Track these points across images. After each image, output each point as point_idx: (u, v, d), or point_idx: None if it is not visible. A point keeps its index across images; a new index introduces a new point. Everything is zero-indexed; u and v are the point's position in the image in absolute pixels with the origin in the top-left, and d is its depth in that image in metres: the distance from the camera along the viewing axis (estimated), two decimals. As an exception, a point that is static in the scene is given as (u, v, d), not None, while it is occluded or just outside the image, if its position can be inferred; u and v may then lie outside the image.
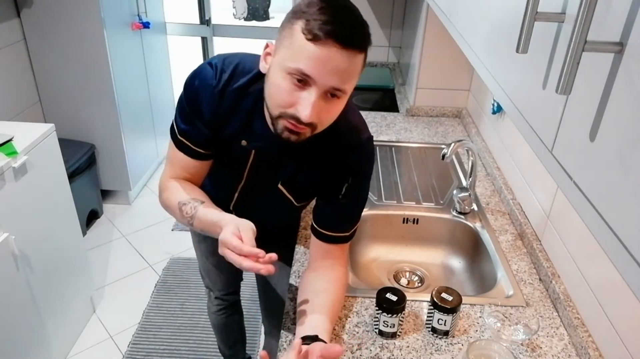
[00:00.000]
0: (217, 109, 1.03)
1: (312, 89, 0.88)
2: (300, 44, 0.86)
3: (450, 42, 2.13)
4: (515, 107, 0.71)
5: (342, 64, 0.86)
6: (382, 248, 1.61)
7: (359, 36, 0.88)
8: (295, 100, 0.89)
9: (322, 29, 0.84)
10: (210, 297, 1.75)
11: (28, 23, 2.61)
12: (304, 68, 0.86)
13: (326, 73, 0.86)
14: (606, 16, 0.48)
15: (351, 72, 0.89)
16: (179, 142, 1.10)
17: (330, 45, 0.84)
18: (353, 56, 0.87)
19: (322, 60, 0.85)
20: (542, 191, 1.42)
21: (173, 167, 1.14)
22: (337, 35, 0.84)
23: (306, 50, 0.85)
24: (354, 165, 1.09)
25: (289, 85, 0.89)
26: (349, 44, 0.85)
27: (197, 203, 1.05)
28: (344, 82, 0.89)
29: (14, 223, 1.70)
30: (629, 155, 0.43)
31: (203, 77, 1.03)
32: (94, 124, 2.87)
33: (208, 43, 3.65)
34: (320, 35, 0.84)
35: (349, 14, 0.88)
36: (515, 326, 1.12)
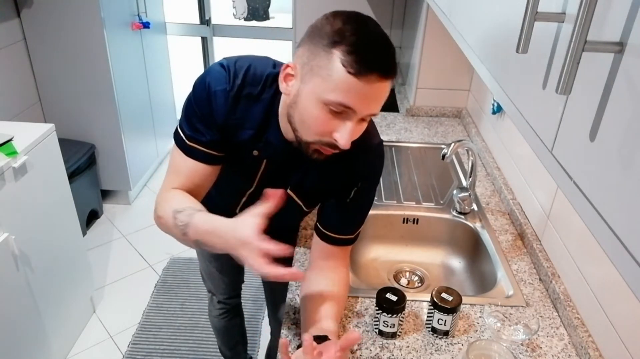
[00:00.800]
0: (231, 114, 0.99)
1: (352, 119, 0.88)
2: (341, 77, 0.83)
3: (450, 42, 2.13)
4: (515, 107, 0.71)
5: (383, 94, 0.88)
6: (382, 248, 1.61)
7: (394, 62, 0.88)
8: (332, 128, 0.89)
9: (365, 62, 0.82)
10: (213, 301, 1.75)
11: (28, 23, 2.61)
12: (347, 101, 0.85)
13: (368, 104, 0.87)
14: (606, 16, 0.48)
15: (386, 94, 0.90)
16: (189, 148, 1.03)
17: (374, 79, 0.84)
18: (390, 83, 0.88)
19: (367, 94, 0.85)
20: (542, 191, 1.42)
21: (177, 176, 1.06)
22: (381, 68, 0.84)
23: (348, 84, 0.84)
24: (364, 170, 1.08)
25: (326, 115, 0.88)
26: (390, 74, 0.86)
27: (194, 211, 0.95)
28: (379, 107, 0.90)
29: (14, 223, 1.70)
30: (629, 155, 0.43)
31: (216, 79, 0.99)
32: (94, 124, 2.87)
33: (208, 43, 3.65)
34: (364, 70, 0.83)
35: (383, 42, 0.86)
36: (515, 326, 1.12)
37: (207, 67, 3.72)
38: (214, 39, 3.65)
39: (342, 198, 1.10)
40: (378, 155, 1.10)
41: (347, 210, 1.11)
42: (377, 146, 1.09)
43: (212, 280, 1.66)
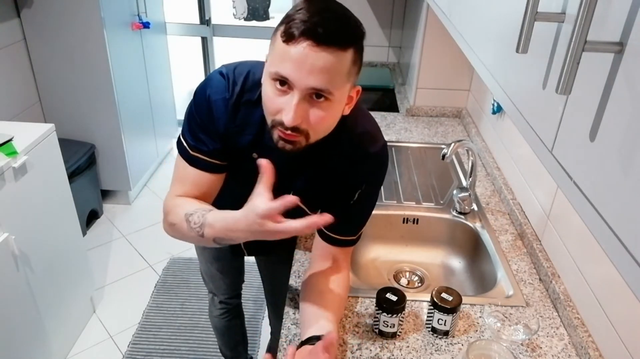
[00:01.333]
0: (231, 122, 1.00)
1: (294, 92, 0.85)
2: (278, 47, 0.84)
3: (450, 42, 2.13)
4: (515, 107, 0.71)
5: (319, 62, 0.82)
6: (382, 248, 1.61)
7: (338, 32, 0.83)
8: (280, 105, 0.87)
9: (297, 28, 0.81)
10: (214, 301, 1.75)
11: (28, 23, 2.61)
12: (281, 70, 0.83)
13: (304, 74, 0.83)
14: (606, 16, 0.48)
15: (333, 71, 0.84)
16: (192, 157, 1.03)
17: (303, 44, 0.81)
18: (333, 53, 0.82)
19: (297, 61, 0.82)
20: (542, 191, 1.42)
21: (182, 185, 1.06)
22: (311, 32, 0.81)
23: (282, 52, 0.83)
24: (368, 173, 1.07)
25: (273, 91, 0.87)
26: (325, 41, 0.81)
27: (205, 211, 0.98)
28: (326, 82, 0.84)
29: (14, 223, 1.70)
30: (629, 155, 0.43)
31: (215, 88, 0.99)
32: (94, 124, 2.87)
33: (208, 43, 3.65)
34: (294, 35, 0.81)
35: (328, 12, 0.84)
36: (515, 326, 1.12)
37: (207, 67, 3.73)
38: (214, 39, 3.65)
39: (345, 200, 1.09)
40: (382, 158, 1.08)
41: (350, 211, 1.11)
42: (382, 148, 1.07)
43: (213, 280, 1.66)
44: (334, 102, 0.88)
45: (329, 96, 0.86)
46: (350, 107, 0.96)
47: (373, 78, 2.77)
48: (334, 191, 1.09)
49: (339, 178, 1.06)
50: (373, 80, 2.73)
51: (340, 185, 1.07)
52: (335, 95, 0.87)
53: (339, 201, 1.09)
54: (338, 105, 0.90)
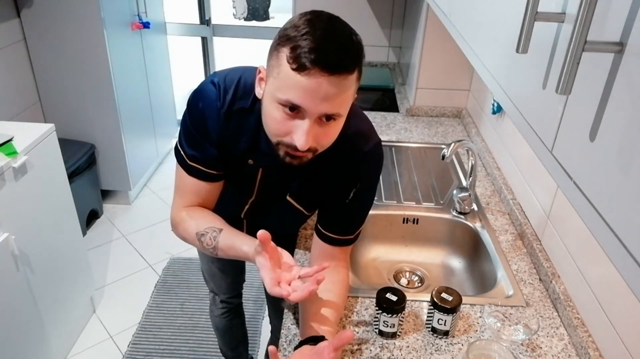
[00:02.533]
0: (225, 131, 1.00)
1: (306, 119, 0.85)
2: (287, 74, 0.83)
3: (450, 42, 2.13)
4: (515, 107, 0.71)
5: (332, 90, 0.83)
6: (382, 248, 1.61)
7: (347, 58, 0.83)
8: (290, 129, 0.87)
9: (307, 57, 0.80)
10: (215, 301, 1.75)
11: (28, 23, 2.61)
12: (293, 99, 0.83)
13: (317, 103, 0.83)
14: (606, 16, 0.48)
15: (343, 95, 0.85)
16: (190, 167, 1.05)
17: (317, 74, 0.81)
18: (343, 79, 0.83)
19: (311, 91, 0.82)
20: (542, 191, 1.42)
21: (184, 194, 1.09)
22: (323, 62, 0.80)
23: (293, 81, 0.82)
24: (363, 171, 1.08)
25: (282, 115, 0.87)
26: (337, 70, 0.82)
27: (216, 233, 1.03)
28: (337, 107, 0.86)
29: (14, 223, 1.69)
30: (629, 155, 0.43)
31: (207, 98, 0.99)
32: (94, 124, 2.87)
33: (208, 43, 3.65)
34: (306, 65, 0.80)
35: (335, 37, 0.83)
36: (515, 326, 1.12)
37: (207, 67, 3.73)
38: (214, 39, 3.65)
39: (341, 199, 1.10)
40: (376, 156, 1.09)
41: (346, 210, 1.11)
42: (375, 147, 1.08)
43: (214, 279, 1.66)
44: (339, 120, 0.90)
45: (339, 117, 0.89)
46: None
47: (373, 78, 2.77)
48: (329, 191, 1.09)
49: (334, 178, 1.07)
50: (373, 80, 2.73)
51: (335, 184, 1.08)
52: (343, 114, 0.90)
53: (335, 201, 1.10)
54: (342, 121, 0.93)
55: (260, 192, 1.13)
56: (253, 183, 1.11)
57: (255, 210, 1.20)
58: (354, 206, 1.11)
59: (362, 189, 1.09)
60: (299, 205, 1.14)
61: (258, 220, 1.24)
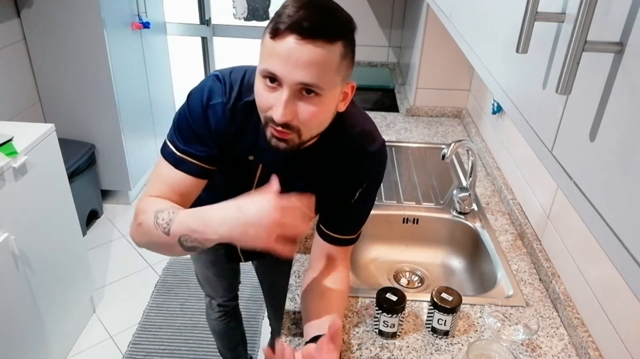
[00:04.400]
0: (229, 127, 0.98)
1: (283, 88, 0.84)
2: (266, 43, 0.84)
3: (450, 42, 2.13)
4: (515, 107, 0.71)
5: (305, 56, 0.81)
6: (382, 248, 1.61)
7: (323, 25, 0.81)
8: (271, 102, 0.86)
9: (283, 23, 0.81)
10: (212, 305, 1.75)
11: (28, 23, 2.61)
12: (269, 67, 0.83)
13: (291, 69, 0.81)
14: (606, 16, 0.48)
15: (321, 64, 0.82)
16: (179, 159, 0.99)
17: (289, 39, 0.80)
18: (319, 47, 0.81)
19: (283, 56, 0.81)
20: (542, 191, 1.42)
21: (160, 186, 1.00)
22: (296, 26, 0.80)
23: (269, 48, 0.83)
24: (368, 172, 1.07)
25: (263, 87, 0.86)
26: (310, 35, 0.80)
27: (177, 209, 0.92)
28: (314, 76, 0.82)
29: (14, 223, 1.69)
30: (629, 155, 0.43)
31: (212, 92, 0.97)
32: (94, 124, 2.87)
33: (208, 43, 3.65)
34: (279, 29, 0.81)
35: (315, 6, 0.83)
36: (515, 326, 1.12)
37: (207, 67, 3.73)
38: (214, 39, 3.65)
39: (346, 199, 1.09)
40: (382, 156, 1.08)
41: (350, 210, 1.11)
42: (380, 147, 1.07)
43: (210, 283, 1.66)
44: (324, 97, 0.86)
45: (319, 91, 0.85)
46: (345, 103, 0.95)
47: (373, 78, 2.77)
48: (334, 191, 1.08)
49: (339, 178, 1.06)
50: (373, 80, 2.73)
51: (340, 185, 1.07)
52: (326, 90, 0.86)
53: (340, 201, 1.09)
54: (329, 101, 0.89)
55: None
56: (251, 181, 1.09)
57: None
58: (358, 206, 1.10)
59: (367, 189, 1.09)
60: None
61: None
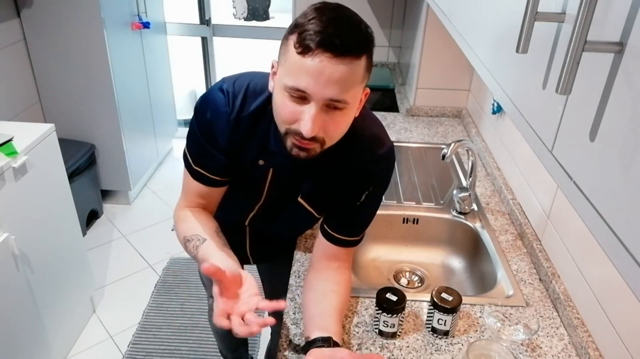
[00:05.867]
0: (234, 136, 1.00)
1: (311, 103, 0.85)
2: (293, 59, 0.83)
3: (450, 42, 2.13)
4: (515, 107, 0.71)
5: (337, 74, 0.82)
6: (382, 248, 1.61)
7: (353, 42, 0.83)
8: (297, 115, 0.87)
9: (312, 39, 0.80)
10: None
11: (28, 23, 2.61)
12: (299, 84, 0.83)
13: (322, 87, 0.82)
14: (606, 16, 0.48)
15: (350, 80, 0.84)
16: (195, 172, 1.07)
17: (321, 57, 0.81)
18: (349, 63, 0.83)
19: (315, 73, 0.82)
20: (542, 191, 1.42)
21: (187, 195, 1.12)
22: (327, 44, 0.80)
23: (298, 65, 0.82)
24: (376, 176, 1.07)
25: (289, 102, 0.87)
26: (342, 52, 0.81)
27: (199, 242, 1.03)
28: (343, 92, 0.84)
29: (14, 223, 1.69)
30: (629, 155, 0.43)
31: (215, 105, 0.99)
32: (94, 124, 2.87)
33: (208, 43, 3.65)
34: (310, 47, 0.80)
35: (342, 21, 0.83)
36: (515, 326, 1.12)
37: (207, 67, 3.73)
38: (214, 39, 3.65)
39: (352, 201, 1.09)
40: (390, 160, 1.09)
41: (355, 212, 1.11)
42: (389, 150, 1.07)
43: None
44: (348, 109, 0.89)
45: (346, 105, 0.87)
46: (359, 108, 0.97)
47: (373, 78, 2.74)
48: (341, 193, 1.08)
49: (346, 181, 1.06)
50: (373, 80, 2.70)
51: (348, 187, 1.07)
52: (351, 103, 0.88)
53: (346, 203, 1.09)
54: (352, 111, 0.92)
55: (270, 194, 1.12)
56: (262, 185, 1.10)
57: (262, 216, 1.19)
58: (363, 208, 1.10)
59: (374, 192, 1.09)
60: (310, 207, 1.13)
61: (262, 226, 1.23)
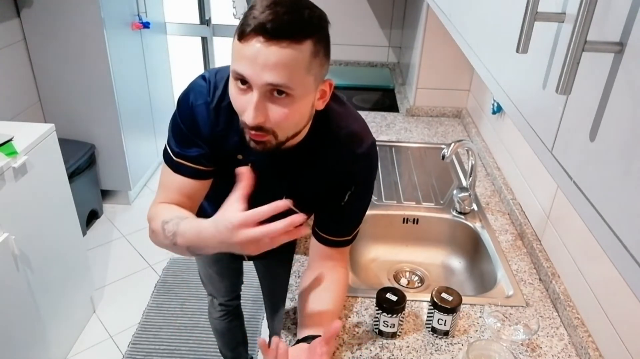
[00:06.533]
0: (215, 126, 0.99)
1: (253, 91, 0.83)
2: (235, 45, 0.83)
3: (450, 42, 2.13)
4: (515, 107, 0.71)
5: (273, 58, 0.79)
6: (382, 248, 1.61)
7: (290, 26, 0.80)
8: (244, 105, 0.85)
9: (248, 25, 0.80)
10: (214, 304, 1.75)
11: (28, 23, 2.61)
12: (238, 68, 0.82)
13: (258, 71, 0.80)
14: (606, 16, 0.48)
15: (289, 65, 0.81)
16: (176, 164, 1.02)
17: (254, 41, 0.79)
18: (286, 48, 0.79)
19: (251, 58, 0.80)
20: (542, 191, 1.42)
21: (166, 192, 1.04)
22: (260, 28, 0.78)
23: (237, 50, 0.82)
24: (357, 174, 1.06)
25: (236, 90, 0.86)
26: (275, 36, 0.79)
27: (180, 219, 0.95)
28: (282, 77, 0.81)
29: (14, 223, 1.69)
30: (629, 155, 0.43)
31: (197, 93, 0.99)
32: (94, 124, 2.87)
33: (208, 43, 3.65)
34: (245, 31, 0.80)
35: (281, 6, 0.81)
36: (515, 326, 1.12)
37: (207, 67, 3.73)
38: (214, 39, 3.65)
39: (336, 201, 1.08)
40: (370, 158, 1.06)
41: (342, 213, 1.09)
42: (370, 148, 1.05)
43: (212, 283, 1.66)
44: (296, 97, 0.85)
45: (290, 91, 0.83)
46: (324, 101, 0.94)
47: (373, 78, 2.77)
48: (323, 193, 1.07)
49: (327, 180, 1.05)
50: (373, 80, 2.73)
51: (329, 186, 1.06)
52: (297, 90, 0.84)
53: (330, 203, 1.09)
54: (303, 101, 0.87)
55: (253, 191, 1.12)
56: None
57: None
58: (349, 208, 1.09)
59: (357, 192, 1.08)
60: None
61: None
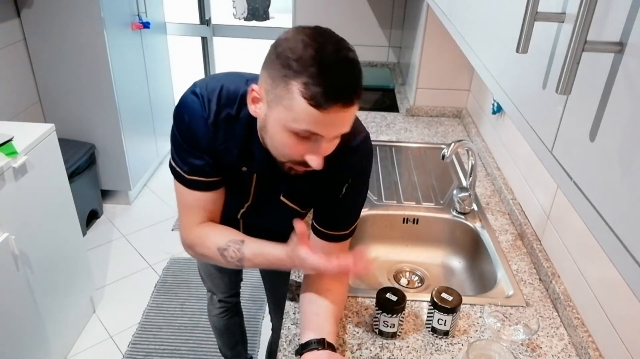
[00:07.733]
0: (214, 140, 1.01)
1: (320, 141, 0.89)
2: (303, 109, 0.84)
3: (450, 42, 2.13)
4: (515, 107, 0.71)
5: (348, 117, 0.88)
6: (382, 248, 1.61)
7: (359, 87, 0.87)
8: (303, 151, 0.90)
9: (325, 96, 0.83)
10: (213, 300, 1.75)
11: (28, 23, 2.61)
12: (312, 129, 0.86)
13: (334, 129, 0.89)
14: (606, 16, 0.48)
15: (353, 116, 0.91)
16: (189, 182, 1.06)
17: (336, 109, 0.84)
18: (357, 104, 0.88)
19: (332, 122, 0.86)
20: (542, 191, 1.42)
21: (190, 212, 1.10)
22: (343, 98, 0.84)
23: (311, 115, 0.84)
24: (353, 168, 1.08)
25: (294, 140, 0.89)
26: (353, 101, 0.86)
27: (238, 245, 1.05)
28: (348, 127, 0.91)
29: (14, 223, 1.69)
30: (629, 155, 0.43)
31: (192, 109, 1.00)
32: (94, 124, 2.87)
33: (208, 43, 3.65)
34: (325, 103, 0.83)
35: (345, 68, 0.85)
36: (515, 326, 1.12)
37: (207, 67, 3.73)
38: (214, 39, 3.65)
39: (333, 195, 1.10)
40: (365, 150, 1.09)
41: (339, 206, 1.11)
42: (364, 142, 1.08)
43: (212, 279, 1.66)
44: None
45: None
46: None
47: (373, 78, 2.77)
48: (321, 188, 1.10)
49: (324, 176, 1.07)
50: (373, 80, 2.73)
51: (326, 181, 1.08)
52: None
53: (327, 197, 1.11)
54: None
55: (256, 196, 1.14)
56: (248, 189, 1.12)
57: (251, 212, 1.21)
58: (347, 202, 1.11)
59: (354, 184, 1.10)
60: (293, 204, 1.15)
61: (255, 220, 1.24)
